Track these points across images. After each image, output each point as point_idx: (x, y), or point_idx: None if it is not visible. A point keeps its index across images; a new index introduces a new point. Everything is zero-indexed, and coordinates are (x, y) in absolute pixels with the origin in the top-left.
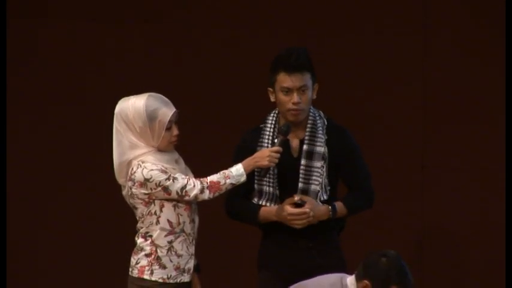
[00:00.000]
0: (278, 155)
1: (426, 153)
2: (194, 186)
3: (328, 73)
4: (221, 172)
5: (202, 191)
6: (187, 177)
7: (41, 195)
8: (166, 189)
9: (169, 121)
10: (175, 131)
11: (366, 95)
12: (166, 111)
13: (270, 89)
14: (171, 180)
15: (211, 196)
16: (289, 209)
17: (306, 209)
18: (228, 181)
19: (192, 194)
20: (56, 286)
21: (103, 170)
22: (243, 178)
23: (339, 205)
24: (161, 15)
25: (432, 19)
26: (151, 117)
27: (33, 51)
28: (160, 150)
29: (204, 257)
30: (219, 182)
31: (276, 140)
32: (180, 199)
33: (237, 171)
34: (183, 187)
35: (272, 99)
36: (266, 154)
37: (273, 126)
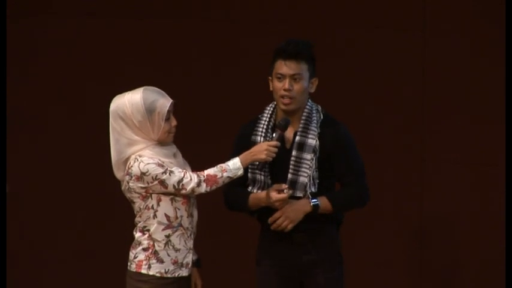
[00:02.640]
0: (276, 149)
1: (426, 147)
2: (191, 179)
3: (328, 69)
4: (218, 166)
5: (199, 184)
6: (184, 170)
7: (40, 191)
8: (162, 182)
9: (168, 111)
10: (174, 122)
11: (366, 89)
12: (164, 101)
13: (270, 77)
14: (167, 174)
15: (208, 189)
16: (274, 195)
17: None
18: (225, 174)
19: (189, 187)
20: (56, 280)
21: (102, 165)
22: (240, 172)
23: (322, 199)
24: (162, 11)
25: (432, 15)
26: (150, 109)
27: (34, 49)
28: (160, 141)
29: (203, 252)
30: (216, 175)
31: (274, 134)
32: (177, 193)
33: (234, 165)
34: (180, 180)
35: (271, 88)
36: (263, 148)
37: (269, 116)
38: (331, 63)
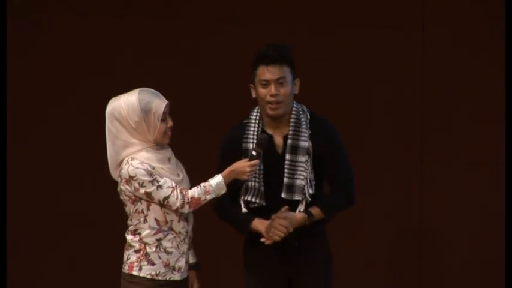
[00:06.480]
0: (256, 168)
1: (425, 148)
2: (177, 199)
3: (326, 69)
4: (202, 186)
5: (182, 206)
6: (173, 187)
7: (39, 193)
8: (149, 195)
9: (164, 112)
10: (170, 122)
11: (365, 90)
12: (160, 102)
13: (252, 85)
14: (155, 187)
15: (191, 210)
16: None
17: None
18: (208, 197)
19: (174, 206)
20: (54, 280)
21: (100, 167)
22: (223, 191)
23: (315, 211)
24: (162, 11)
25: (432, 15)
26: (146, 110)
27: (34, 49)
28: (157, 143)
29: (200, 256)
30: (199, 198)
31: (253, 152)
32: (161, 206)
33: (218, 185)
34: (166, 197)
35: (253, 95)
36: (247, 170)
37: (257, 121)
38: (330, 63)
